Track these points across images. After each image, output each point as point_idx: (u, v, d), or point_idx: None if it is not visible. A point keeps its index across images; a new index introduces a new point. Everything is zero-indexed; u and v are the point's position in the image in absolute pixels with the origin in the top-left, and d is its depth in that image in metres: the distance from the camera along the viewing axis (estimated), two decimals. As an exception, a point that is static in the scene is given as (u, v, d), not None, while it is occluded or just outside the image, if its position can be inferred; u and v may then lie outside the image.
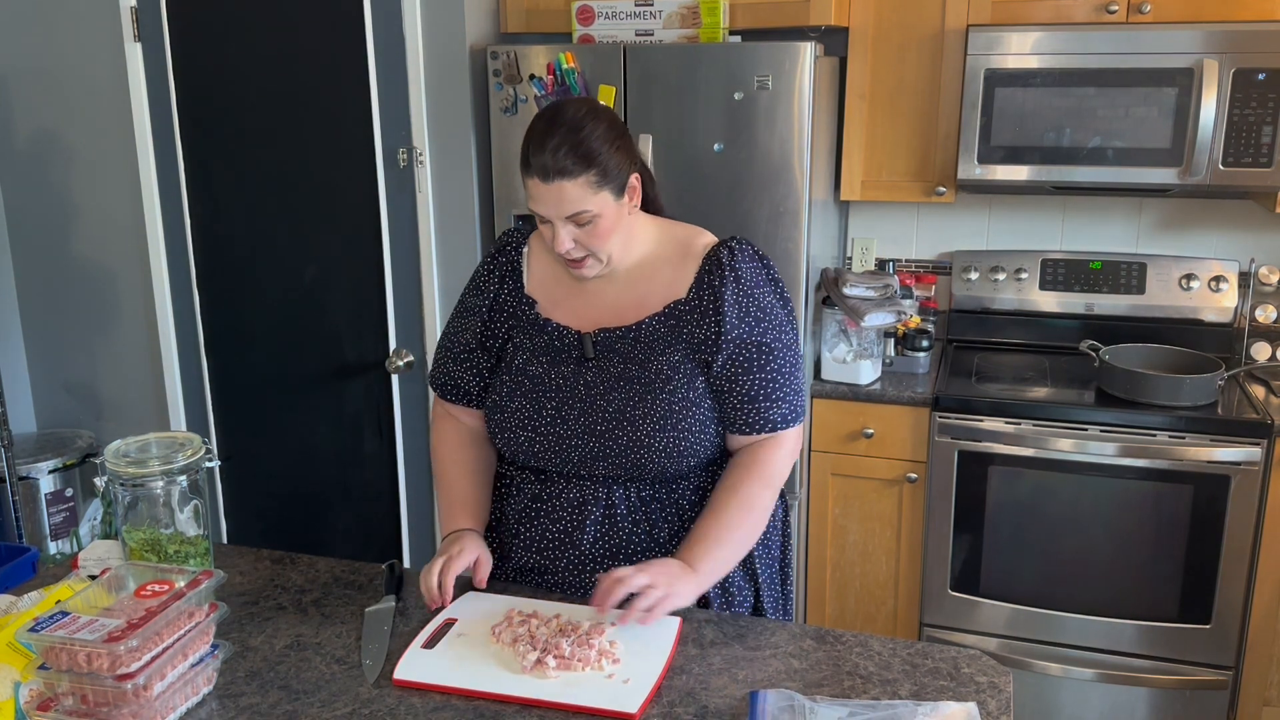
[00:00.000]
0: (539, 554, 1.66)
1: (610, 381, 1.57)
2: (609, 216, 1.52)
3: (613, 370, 1.57)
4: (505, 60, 2.71)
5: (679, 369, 1.56)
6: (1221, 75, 2.53)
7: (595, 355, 1.59)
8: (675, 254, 1.62)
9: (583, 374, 1.59)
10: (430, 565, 1.55)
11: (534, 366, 1.61)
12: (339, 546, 3.15)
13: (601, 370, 1.58)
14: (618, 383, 1.57)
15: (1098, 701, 2.74)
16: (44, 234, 3.30)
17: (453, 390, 1.72)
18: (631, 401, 1.55)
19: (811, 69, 2.50)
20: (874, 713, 1.28)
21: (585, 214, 1.50)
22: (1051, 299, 3.08)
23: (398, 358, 2.93)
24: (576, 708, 1.31)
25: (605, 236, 1.53)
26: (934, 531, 2.77)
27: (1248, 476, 2.52)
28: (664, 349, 1.57)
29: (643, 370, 1.56)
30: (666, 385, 1.55)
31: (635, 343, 1.58)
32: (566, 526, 1.63)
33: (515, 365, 1.63)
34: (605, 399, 1.56)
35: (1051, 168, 2.70)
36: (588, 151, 1.48)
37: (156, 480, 1.54)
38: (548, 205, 1.50)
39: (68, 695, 1.25)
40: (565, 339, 1.61)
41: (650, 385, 1.55)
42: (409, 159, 2.83)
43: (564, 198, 1.49)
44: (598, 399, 1.57)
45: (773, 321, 1.59)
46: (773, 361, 1.58)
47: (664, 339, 1.57)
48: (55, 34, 3.11)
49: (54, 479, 3.24)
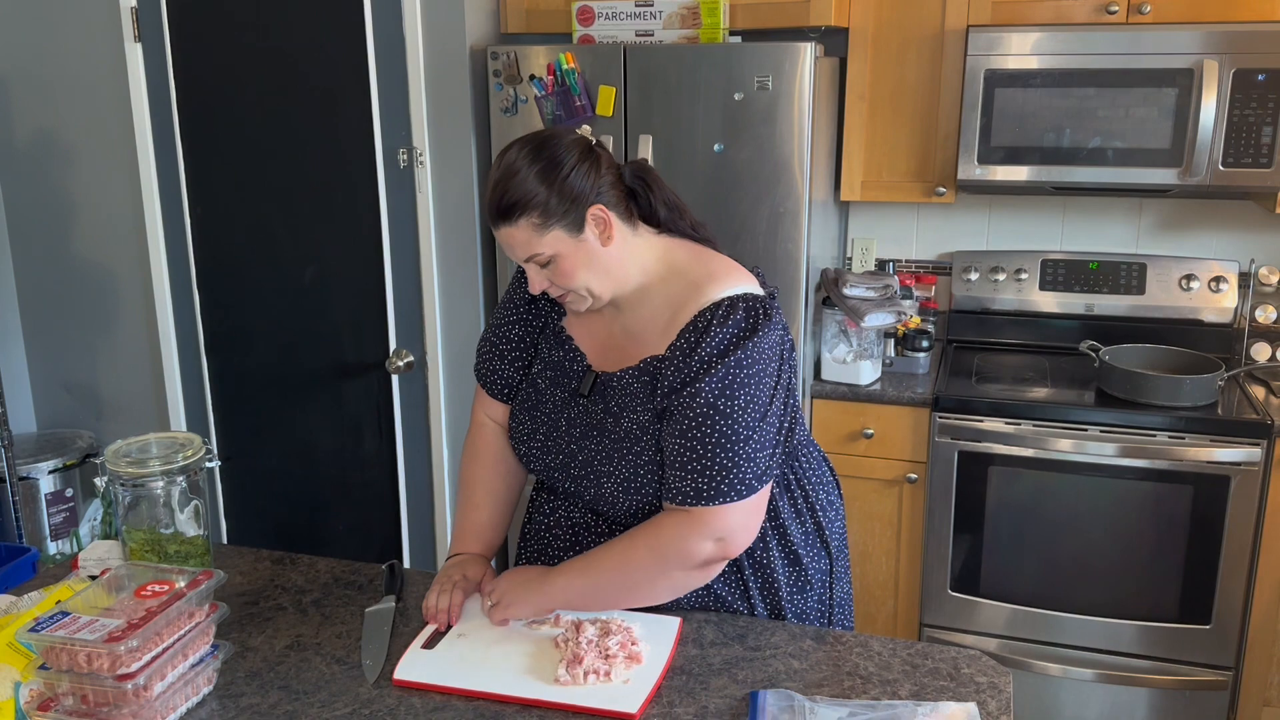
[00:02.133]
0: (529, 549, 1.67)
1: (588, 428, 1.53)
2: (568, 255, 1.44)
3: (594, 416, 1.53)
4: (505, 60, 2.71)
5: (647, 430, 1.47)
6: (1221, 76, 2.53)
7: (589, 394, 1.54)
8: (681, 296, 1.49)
9: (571, 409, 1.56)
10: (436, 588, 1.56)
11: (542, 380, 1.60)
12: (339, 546, 3.15)
13: (587, 412, 1.53)
14: (592, 432, 1.52)
15: (1098, 702, 2.74)
16: (44, 234, 3.30)
17: (494, 382, 1.67)
18: (600, 458, 1.51)
19: (811, 69, 2.50)
20: (874, 713, 1.28)
21: (539, 255, 1.45)
22: (1051, 299, 3.08)
23: (398, 358, 2.93)
24: (577, 708, 1.31)
25: (570, 275, 1.46)
26: (934, 532, 2.77)
27: (1248, 477, 2.52)
28: (636, 406, 1.48)
29: (616, 424, 1.50)
30: (634, 446, 1.48)
31: (617, 392, 1.51)
32: (565, 543, 1.63)
33: (533, 373, 1.62)
34: (580, 445, 1.53)
35: (1051, 168, 2.70)
36: (521, 196, 1.41)
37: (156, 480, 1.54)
38: (510, 249, 1.47)
39: (68, 695, 1.25)
40: (574, 365, 1.57)
41: (619, 444, 1.49)
42: (409, 159, 2.83)
43: (512, 242, 1.45)
44: (575, 443, 1.54)
45: (735, 387, 1.41)
46: (715, 429, 1.40)
47: (637, 395, 1.49)
48: (55, 34, 3.11)
49: (54, 479, 3.24)
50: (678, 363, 1.43)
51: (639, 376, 1.48)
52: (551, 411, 1.58)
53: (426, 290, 2.90)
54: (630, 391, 1.49)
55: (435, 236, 2.86)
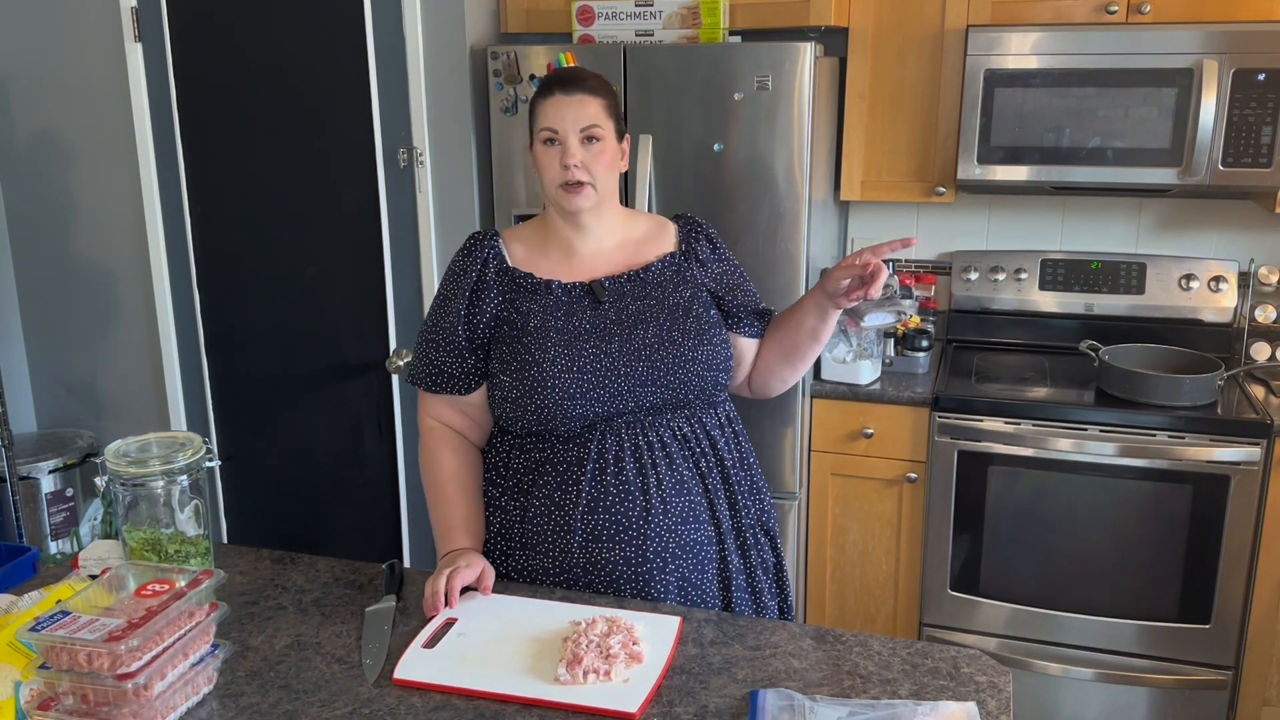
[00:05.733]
0: (535, 521, 1.67)
1: (633, 318, 1.67)
2: (610, 148, 1.66)
3: (630, 309, 1.68)
4: (505, 60, 2.71)
5: (695, 299, 1.71)
6: (1221, 75, 2.53)
7: (607, 300, 1.68)
8: (651, 225, 1.79)
9: (603, 317, 1.67)
10: (436, 575, 1.57)
11: (552, 321, 1.66)
12: (339, 546, 3.15)
13: (619, 311, 1.68)
14: (641, 317, 1.68)
15: (1097, 701, 2.74)
16: (44, 234, 3.30)
17: (436, 378, 1.72)
18: (665, 326, 1.67)
19: (811, 69, 2.50)
20: (874, 712, 1.28)
21: (597, 129, 1.63)
22: (1051, 299, 3.08)
23: (398, 358, 2.93)
24: (577, 707, 1.31)
25: (606, 164, 1.65)
26: (934, 531, 2.77)
27: (1247, 476, 2.52)
28: (673, 288, 1.71)
29: (660, 305, 1.69)
30: (689, 312, 1.69)
31: (644, 285, 1.70)
32: (564, 482, 1.65)
33: (531, 327, 1.66)
34: (637, 330, 1.66)
35: (1051, 168, 2.70)
36: (608, 84, 1.68)
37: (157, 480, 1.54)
38: (565, 117, 1.62)
39: (68, 695, 1.25)
40: (572, 293, 1.69)
41: (674, 314, 1.69)
42: (409, 159, 2.83)
43: (584, 109, 1.62)
44: (630, 331, 1.66)
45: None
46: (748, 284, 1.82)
47: (671, 280, 1.72)
48: (55, 34, 3.11)
49: (54, 479, 3.24)
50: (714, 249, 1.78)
51: (667, 267, 1.73)
52: (588, 332, 1.66)
53: (426, 290, 2.90)
54: (665, 277, 1.72)
55: (435, 236, 2.86)
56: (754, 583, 1.76)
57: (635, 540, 1.64)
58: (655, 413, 1.66)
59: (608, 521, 1.63)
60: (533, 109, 1.68)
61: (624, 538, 1.64)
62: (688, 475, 1.68)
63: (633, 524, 1.63)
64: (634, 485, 1.64)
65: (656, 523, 1.64)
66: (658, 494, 1.64)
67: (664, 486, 1.65)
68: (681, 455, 1.68)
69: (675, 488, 1.66)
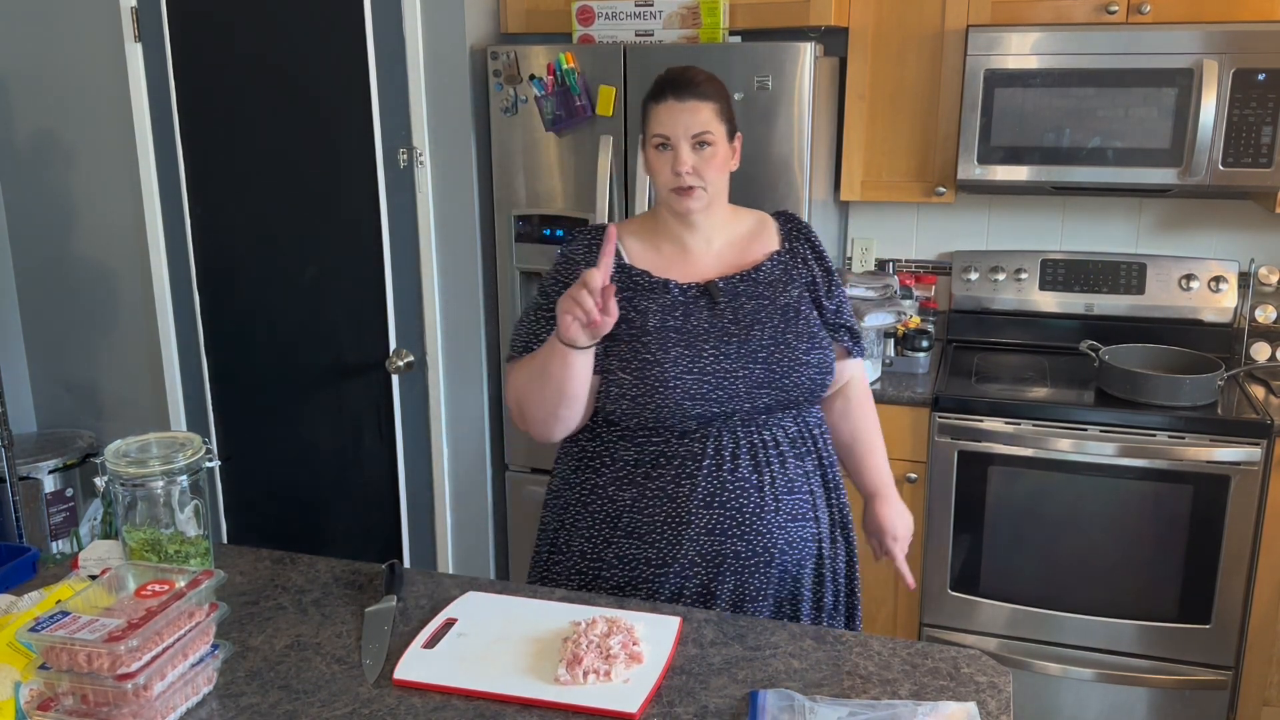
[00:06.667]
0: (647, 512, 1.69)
1: (749, 318, 1.71)
2: (721, 152, 1.68)
3: (746, 310, 1.71)
4: (505, 60, 2.71)
5: (803, 300, 1.76)
6: (1221, 75, 2.53)
7: (722, 300, 1.71)
8: (754, 222, 1.82)
9: (720, 318, 1.70)
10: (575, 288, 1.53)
11: (671, 320, 1.69)
12: (339, 546, 3.15)
13: (735, 311, 1.71)
14: (757, 317, 1.71)
15: (1097, 701, 2.74)
16: (44, 234, 3.30)
17: None
18: (780, 328, 1.71)
19: (811, 69, 2.50)
20: (874, 713, 1.28)
21: (708, 135, 1.65)
22: (1051, 299, 3.08)
23: (398, 358, 2.93)
24: (577, 708, 1.31)
25: (717, 168, 1.68)
26: (934, 531, 2.77)
27: (1247, 476, 2.52)
28: (784, 287, 1.75)
29: (773, 305, 1.72)
30: (799, 314, 1.74)
31: (756, 284, 1.73)
32: (679, 476, 1.68)
33: (650, 326, 1.68)
34: (754, 331, 1.70)
35: (1051, 168, 2.70)
36: (720, 87, 1.70)
37: (157, 480, 1.54)
38: (677, 124, 1.65)
39: (68, 695, 1.25)
40: (688, 293, 1.71)
41: (786, 315, 1.73)
42: (409, 159, 2.83)
43: (697, 115, 1.64)
44: (747, 332, 1.70)
45: None
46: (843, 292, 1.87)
47: (780, 280, 1.75)
48: (55, 34, 3.11)
49: (54, 479, 3.24)
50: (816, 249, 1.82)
51: (776, 266, 1.76)
52: (706, 332, 1.68)
53: (426, 290, 2.90)
54: (775, 276, 1.75)
55: (435, 236, 2.86)
56: (835, 577, 1.83)
57: (749, 535, 1.69)
58: (768, 412, 1.71)
59: (723, 516, 1.68)
60: (645, 111, 1.71)
61: (738, 532, 1.68)
62: (796, 474, 1.74)
63: (747, 519, 1.69)
64: (749, 482, 1.69)
65: (769, 519, 1.70)
66: (771, 491, 1.70)
67: (777, 484, 1.71)
68: (792, 454, 1.73)
69: (786, 486, 1.72)
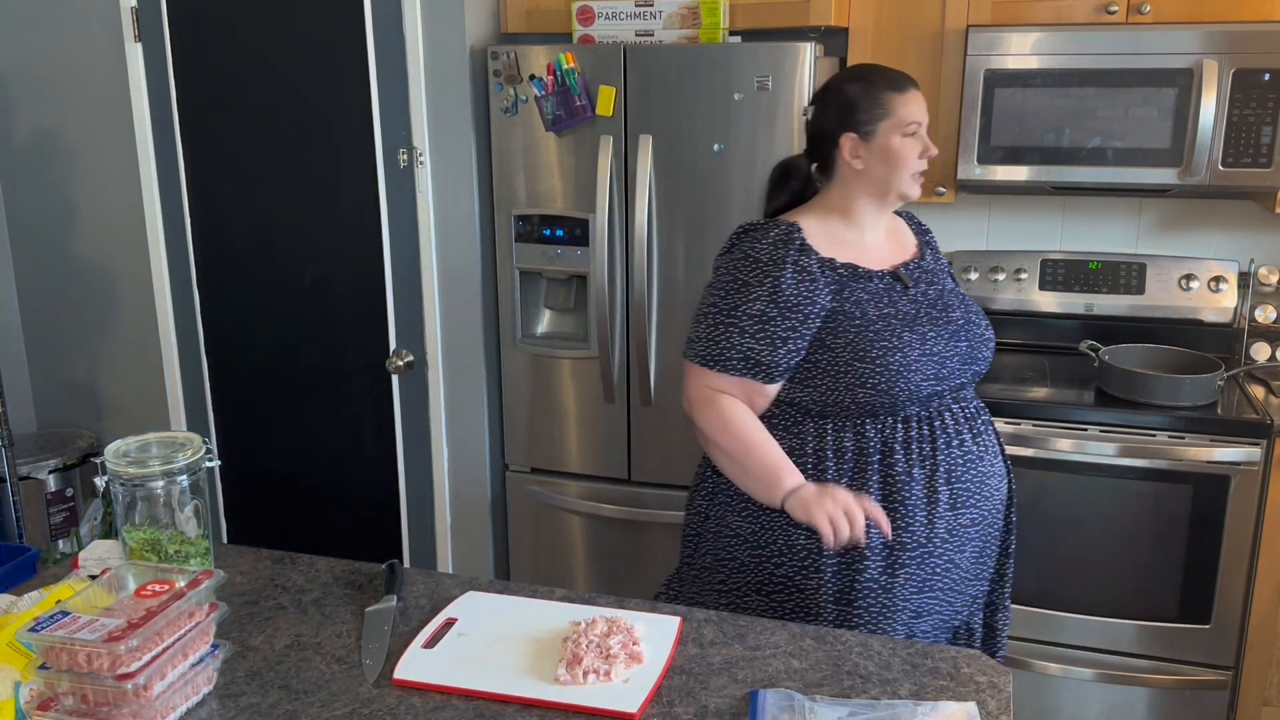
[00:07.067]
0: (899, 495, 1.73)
1: (936, 299, 1.82)
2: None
3: (931, 293, 1.82)
4: (505, 60, 2.71)
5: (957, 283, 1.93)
6: (1221, 75, 2.53)
7: (913, 285, 1.81)
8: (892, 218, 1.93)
9: (918, 301, 1.80)
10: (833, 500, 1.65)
11: (886, 307, 1.76)
12: (339, 546, 3.15)
13: (925, 294, 1.82)
14: (940, 298, 1.82)
15: (1097, 701, 2.74)
16: (44, 234, 3.30)
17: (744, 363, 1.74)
18: (961, 308, 1.83)
19: (811, 69, 2.50)
20: (874, 712, 1.28)
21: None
22: (1051, 299, 3.08)
23: (398, 358, 2.93)
24: (577, 708, 1.31)
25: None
26: (934, 531, 2.77)
27: (1247, 476, 2.52)
28: (942, 275, 1.89)
29: (945, 289, 1.85)
30: (965, 297, 1.88)
31: (926, 271, 1.86)
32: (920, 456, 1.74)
33: (872, 316, 1.74)
34: (950, 311, 1.81)
35: (1051, 168, 2.70)
36: None
37: (157, 480, 1.54)
38: (921, 110, 1.78)
39: (68, 695, 1.25)
40: (884, 280, 1.80)
41: (960, 297, 1.86)
42: (409, 159, 2.83)
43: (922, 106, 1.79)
44: (947, 314, 1.80)
45: None
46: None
47: (938, 269, 1.90)
48: (55, 34, 3.11)
49: (54, 479, 3.24)
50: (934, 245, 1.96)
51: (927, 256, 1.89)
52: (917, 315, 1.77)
53: (426, 290, 2.90)
54: (935, 265, 1.89)
55: (435, 236, 2.87)
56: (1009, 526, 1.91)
57: (982, 504, 1.78)
58: (964, 388, 1.81)
59: (962, 490, 1.76)
60: (886, 101, 1.76)
61: (974, 501, 1.77)
62: (992, 445, 1.85)
63: (978, 489, 1.78)
64: (973, 453, 1.78)
65: (991, 485, 1.80)
66: (988, 460, 1.81)
67: (988, 454, 1.81)
68: (985, 427, 1.85)
69: (993, 451, 1.84)
